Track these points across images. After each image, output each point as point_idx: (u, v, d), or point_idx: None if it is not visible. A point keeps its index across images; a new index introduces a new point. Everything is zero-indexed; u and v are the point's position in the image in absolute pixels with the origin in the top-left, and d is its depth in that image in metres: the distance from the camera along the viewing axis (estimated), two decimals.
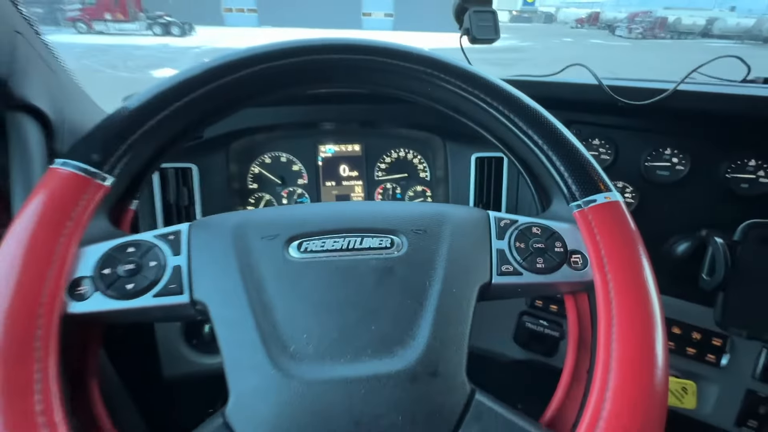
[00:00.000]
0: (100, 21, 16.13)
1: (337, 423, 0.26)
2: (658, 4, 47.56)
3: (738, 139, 0.57)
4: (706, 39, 28.86)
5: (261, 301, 0.29)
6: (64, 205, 0.29)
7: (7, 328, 0.25)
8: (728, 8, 53.56)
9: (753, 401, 0.55)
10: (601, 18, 44.04)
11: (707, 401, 0.58)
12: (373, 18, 27.11)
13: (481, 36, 0.74)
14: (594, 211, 0.32)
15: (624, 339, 0.28)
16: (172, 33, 16.35)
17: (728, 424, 0.57)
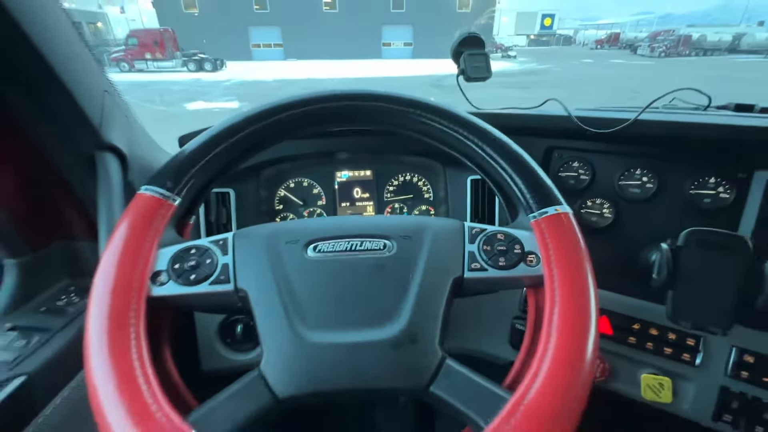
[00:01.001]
0: (141, 60, 17.55)
1: (341, 374, 0.36)
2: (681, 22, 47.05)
3: (699, 159, 0.64)
4: (733, 54, 28.17)
5: (286, 287, 0.39)
6: (148, 218, 0.41)
7: (112, 304, 0.36)
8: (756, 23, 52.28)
9: (726, 397, 0.60)
10: (622, 38, 43.92)
11: (685, 398, 0.63)
12: (393, 48, 28.11)
13: (474, 75, 0.86)
14: (546, 221, 0.41)
15: (563, 316, 0.36)
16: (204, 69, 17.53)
17: (706, 419, 0.62)
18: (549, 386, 0.32)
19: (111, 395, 0.31)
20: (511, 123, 0.76)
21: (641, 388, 0.64)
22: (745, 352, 0.59)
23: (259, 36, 26.88)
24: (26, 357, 0.49)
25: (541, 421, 0.30)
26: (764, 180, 0.59)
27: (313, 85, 9.75)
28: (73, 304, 0.59)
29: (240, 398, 0.35)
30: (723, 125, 0.60)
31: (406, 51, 27.84)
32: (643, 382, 0.63)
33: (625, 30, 51.53)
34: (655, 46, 27.91)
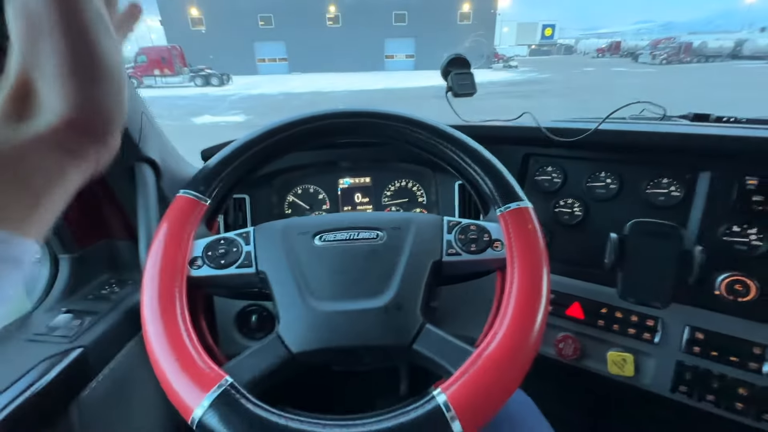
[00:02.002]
0: (149, 76, 18.02)
1: (342, 333, 0.45)
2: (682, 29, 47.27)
3: (653, 163, 0.73)
4: (735, 60, 28.24)
5: (298, 269, 0.49)
6: (187, 215, 0.51)
7: (161, 280, 0.46)
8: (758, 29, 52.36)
9: (682, 370, 0.68)
10: (623, 47, 44.22)
11: (647, 372, 0.71)
12: (395, 60, 28.57)
13: (461, 92, 0.97)
14: (509, 213, 0.51)
15: (520, 289, 0.45)
16: (211, 83, 17.95)
17: (665, 390, 0.69)
18: (505, 342, 0.41)
19: (165, 349, 0.41)
20: (492, 133, 0.86)
21: (608, 364, 0.72)
22: (697, 330, 0.67)
23: (264, 51, 27.49)
24: (81, 333, 0.59)
25: (496, 367, 0.39)
26: (707, 180, 0.68)
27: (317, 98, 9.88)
28: (115, 293, 0.69)
29: (263, 353, 0.44)
30: (670, 134, 0.70)
31: (408, 63, 28.28)
32: (609, 358, 0.72)
33: (626, 38, 51.89)
34: (657, 54, 28.07)
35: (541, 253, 0.47)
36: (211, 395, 0.37)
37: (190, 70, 18.50)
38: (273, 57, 27.81)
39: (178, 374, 0.39)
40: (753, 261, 0.65)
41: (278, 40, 27.07)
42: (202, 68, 18.50)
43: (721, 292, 0.65)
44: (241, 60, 25.92)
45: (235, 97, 13.50)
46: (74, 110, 0.25)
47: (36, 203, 0.25)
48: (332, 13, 27.19)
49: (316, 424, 0.37)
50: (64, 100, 0.25)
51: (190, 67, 18.81)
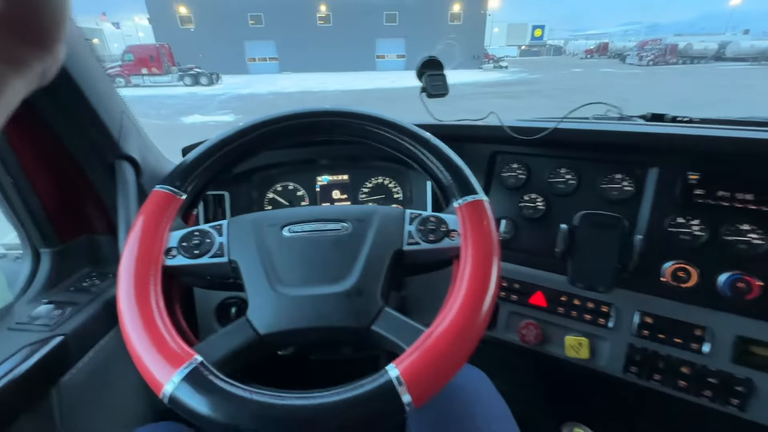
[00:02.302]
0: (137, 75, 17.77)
1: (305, 316, 0.48)
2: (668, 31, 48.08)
3: (608, 160, 0.78)
4: (719, 62, 28.85)
5: (267, 258, 0.53)
6: (162, 208, 0.54)
7: (137, 268, 0.49)
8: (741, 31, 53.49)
9: (632, 352, 0.73)
10: (611, 48, 44.83)
11: (602, 355, 0.76)
12: (386, 60, 28.57)
13: (434, 92, 1.00)
14: (466, 206, 0.55)
15: (471, 273, 0.48)
16: (200, 83, 17.76)
17: (618, 371, 0.74)
18: (455, 322, 0.44)
19: (138, 330, 0.44)
20: (462, 133, 0.90)
21: (565, 348, 0.77)
22: (646, 314, 0.73)
23: (254, 50, 27.29)
24: (62, 323, 0.62)
25: (444, 344, 0.43)
26: (655, 175, 0.73)
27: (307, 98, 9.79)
28: (96, 285, 0.72)
29: (232, 335, 0.48)
30: (622, 132, 0.75)
31: (399, 63, 28.32)
32: (566, 342, 0.77)
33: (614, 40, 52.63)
34: (644, 55, 28.52)
35: (493, 242, 0.51)
36: (181, 372, 0.40)
37: (179, 69, 18.27)
38: (263, 56, 27.64)
39: (151, 353, 0.42)
40: (695, 250, 0.70)
41: (268, 39, 26.91)
42: (191, 67, 18.30)
43: (667, 279, 0.70)
44: (230, 59, 25.70)
45: (224, 97, 13.39)
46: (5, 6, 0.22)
47: None
48: (323, 13, 27.13)
49: (277, 397, 0.40)
50: None
51: (179, 66, 18.58)
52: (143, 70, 17.83)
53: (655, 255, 0.71)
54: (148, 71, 17.90)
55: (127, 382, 0.71)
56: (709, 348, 0.68)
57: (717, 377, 0.68)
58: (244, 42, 26.74)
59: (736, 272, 0.65)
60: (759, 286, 0.64)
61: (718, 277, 0.67)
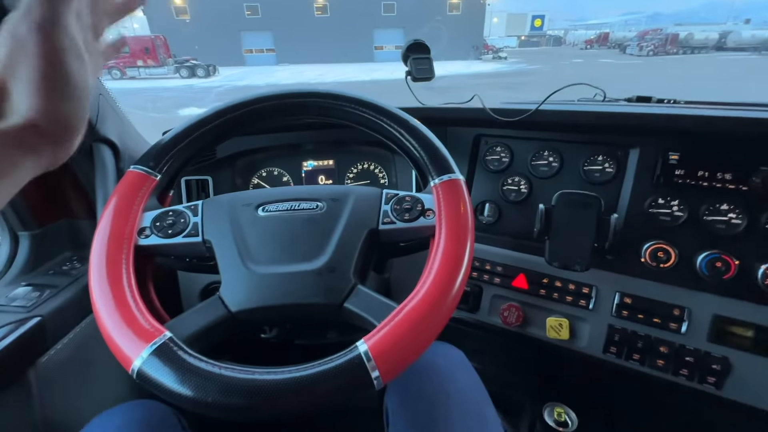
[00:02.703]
0: (132, 67, 17.61)
1: (277, 293, 0.48)
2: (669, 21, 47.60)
3: (590, 141, 0.78)
4: (720, 52, 28.63)
5: (240, 237, 0.53)
6: (136, 188, 0.54)
7: (109, 248, 0.49)
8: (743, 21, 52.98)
9: (612, 332, 0.73)
10: (611, 38, 44.47)
11: (583, 336, 0.76)
12: (385, 51, 28.33)
13: (419, 76, 0.99)
14: (442, 185, 0.54)
15: (444, 251, 0.48)
16: (197, 75, 17.61)
17: (598, 351, 0.75)
18: (426, 299, 0.44)
19: (109, 307, 0.44)
20: (445, 115, 0.90)
21: (546, 329, 0.77)
22: (626, 295, 0.73)
23: (251, 41, 27.01)
24: (40, 304, 0.62)
25: (414, 321, 0.42)
26: (636, 156, 0.73)
27: None
28: (76, 269, 0.72)
29: (203, 312, 0.48)
30: (602, 113, 0.74)
31: (398, 54, 27.89)
32: (547, 324, 0.77)
33: (614, 30, 52.14)
34: (644, 45, 28.29)
35: (467, 220, 0.51)
36: (150, 347, 0.40)
37: (175, 60, 18.11)
38: (260, 48, 27.36)
39: (120, 329, 0.42)
40: (674, 230, 0.70)
41: (265, 30, 26.61)
42: (187, 59, 18.13)
43: (646, 260, 0.70)
44: (227, 51, 25.45)
45: (221, 89, 13.30)
46: (39, 116, 0.30)
47: None
48: (320, 3, 26.78)
49: (246, 372, 0.40)
50: (31, 107, 0.30)
51: (175, 57, 18.41)
52: (139, 63, 17.69)
53: (636, 236, 0.71)
54: (144, 63, 17.75)
55: (106, 364, 0.72)
56: (686, 327, 0.69)
57: (694, 356, 0.68)
58: (240, 33, 26.46)
59: (714, 252, 0.65)
60: (736, 265, 0.64)
61: (696, 257, 0.67)
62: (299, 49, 26.84)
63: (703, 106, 0.81)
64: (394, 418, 0.57)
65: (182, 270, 0.72)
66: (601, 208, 0.67)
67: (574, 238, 0.68)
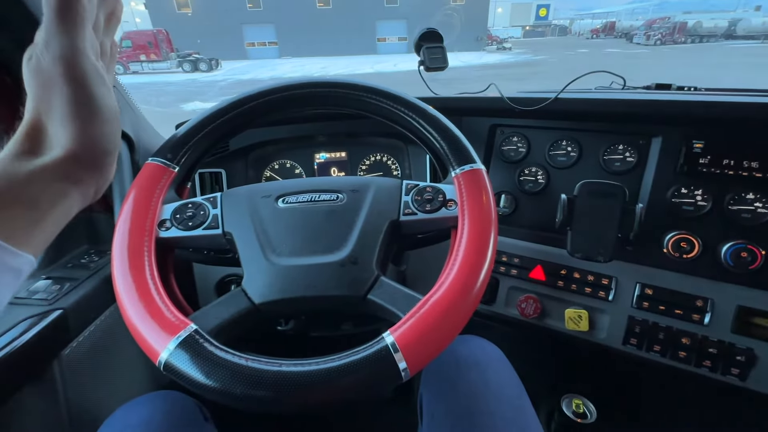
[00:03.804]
0: (135, 62, 17.59)
1: (299, 285, 0.48)
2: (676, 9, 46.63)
3: (610, 130, 0.76)
4: (729, 40, 28.08)
5: (261, 228, 0.52)
6: (154, 180, 0.53)
7: (131, 240, 0.48)
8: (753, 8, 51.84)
9: (632, 324, 0.72)
10: (617, 27, 43.71)
11: (602, 327, 0.76)
12: (387, 43, 28.06)
13: (432, 65, 0.98)
14: (463, 175, 0.53)
15: (468, 242, 0.48)
16: (200, 69, 17.57)
17: (617, 343, 0.74)
18: (450, 290, 0.44)
19: (134, 300, 0.44)
20: (460, 105, 0.88)
21: (565, 321, 0.77)
22: (647, 286, 0.72)
23: (253, 34, 26.86)
24: (61, 297, 0.62)
25: (440, 312, 0.42)
26: (659, 145, 0.72)
27: None
28: (94, 262, 0.72)
29: (227, 304, 0.47)
30: (623, 100, 0.73)
31: (401, 46, 27.79)
32: (566, 315, 0.76)
33: (621, 18, 51.20)
34: (651, 34, 27.81)
35: (490, 210, 0.50)
36: (176, 339, 0.40)
37: (178, 55, 18.05)
38: (262, 41, 27.19)
39: (146, 323, 0.42)
40: (698, 220, 0.69)
41: (267, 23, 26.42)
42: (190, 53, 18.07)
43: (668, 250, 0.69)
44: (229, 44, 25.32)
45: (224, 83, 13.26)
46: (77, 145, 0.31)
47: (40, 220, 0.30)
48: None
49: (272, 364, 0.40)
50: (68, 138, 0.31)
51: (178, 51, 18.35)
52: (141, 57, 17.65)
53: (657, 226, 0.70)
54: (147, 58, 17.72)
55: (128, 355, 0.72)
56: (710, 318, 0.68)
57: (717, 347, 0.67)
58: (242, 26, 26.31)
59: (740, 242, 0.64)
60: (763, 255, 0.63)
61: (721, 248, 0.66)
62: (302, 41, 26.65)
63: (726, 93, 0.79)
64: (430, 407, 0.57)
65: (199, 262, 0.72)
66: (626, 198, 0.65)
67: (598, 228, 0.67)
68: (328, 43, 26.55)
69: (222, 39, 24.96)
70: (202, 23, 25.08)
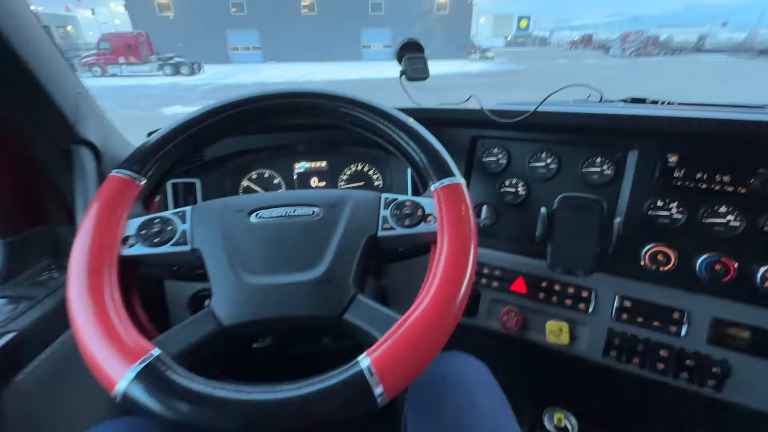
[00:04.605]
0: (114, 65, 17.15)
1: (272, 306, 0.46)
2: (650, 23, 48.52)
3: (588, 143, 0.77)
4: (699, 54, 29.37)
5: (232, 245, 0.50)
6: (119, 194, 0.50)
7: (90, 258, 0.45)
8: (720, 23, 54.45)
9: (612, 336, 0.73)
10: (595, 39, 45.19)
11: (582, 340, 0.76)
12: (372, 50, 28.23)
13: (413, 76, 0.97)
14: (442, 189, 0.52)
15: (447, 258, 0.46)
16: (181, 72, 17.24)
17: (597, 355, 0.74)
18: (430, 310, 0.42)
19: (90, 324, 0.41)
20: (441, 116, 0.88)
21: (546, 333, 0.76)
22: (626, 298, 0.72)
23: (237, 39, 26.60)
24: (15, 318, 0.58)
25: (418, 333, 0.40)
26: (635, 158, 0.73)
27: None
28: (54, 279, 0.68)
29: (193, 327, 0.45)
30: (601, 114, 0.73)
31: (386, 53, 27.99)
32: (547, 328, 0.76)
33: (598, 31, 53.00)
34: (626, 47, 28.85)
35: (470, 226, 0.49)
36: (136, 367, 0.37)
37: (158, 58, 17.67)
38: (246, 45, 26.95)
39: (102, 349, 0.39)
40: (673, 233, 0.70)
41: (251, 27, 26.23)
42: (171, 56, 17.71)
43: (646, 263, 0.69)
44: (212, 48, 24.99)
45: (207, 87, 13.05)
46: None
47: None
48: (307, 2, 26.54)
49: (241, 392, 0.37)
50: None
51: (158, 55, 17.98)
52: (121, 60, 17.21)
53: (635, 238, 0.71)
54: (126, 60, 17.28)
55: (88, 381, 0.67)
56: (686, 330, 0.68)
57: (694, 359, 0.68)
58: (226, 30, 26.03)
59: (713, 254, 0.65)
60: (735, 267, 0.64)
61: (696, 260, 0.67)
62: (286, 47, 26.55)
63: (698, 108, 0.81)
64: (416, 427, 0.55)
65: (169, 279, 0.69)
66: (604, 212, 0.66)
67: (577, 242, 0.67)
68: (313, 49, 26.53)
69: (205, 43, 24.62)
70: (184, 27, 24.70)
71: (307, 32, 26.66)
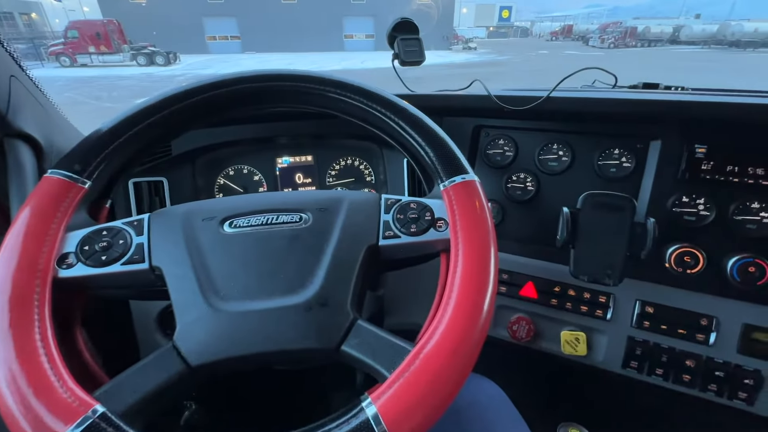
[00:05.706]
0: (84, 54, 16.33)
1: (253, 338, 0.37)
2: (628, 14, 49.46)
3: (605, 133, 0.70)
4: (674, 45, 30.07)
5: (200, 262, 0.40)
6: (54, 201, 0.40)
7: (15, 284, 0.35)
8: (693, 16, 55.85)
9: (632, 345, 0.67)
10: (575, 30, 45.73)
11: (599, 350, 0.69)
12: (355, 40, 27.81)
13: (408, 59, 0.88)
14: (453, 188, 0.44)
15: (464, 273, 0.38)
16: (156, 62, 16.59)
17: (617, 367, 0.68)
18: (447, 338, 0.34)
19: (11, 374, 0.31)
20: (441, 103, 0.79)
21: (561, 344, 0.69)
22: (647, 304, 0.66)
23: (214, 28, 25.75)
24: None
25: (436, 367, 0.33)
26: (658, 149, 0.66)
27: None
28: None
29: (150, 370, 0.35)
30: (622, 100, 0.66)
31: (368, 43, 27.63)
32: (562, 338, 0.69)
33: (578, 22, 53.63)
34: (605, 38, 29.30)
35: (489, 233, 0.41)
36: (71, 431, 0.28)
37: (131, 47, 16.93)
38: (224, 34, 26.10)
39: (27, 405, 0.30)
40: (701, 231, 0.63)
41: (229, 15, 25.38)
42: (145, 45, 16.99)
43: (671, 265, 0.63)
44: (188, 37, 24.09)
45: (183, 78, 12.58)
46: None
47: None
48: None
49: None
50: None
51: (131, 44, 17.21)
52: (91, 49, 16.41)
53: (658, 238, 0.64)
54: (97, 50, 16.49)
55: None
56: (715, 338, 0.62)
57: (723, 370, 0.62)
58: (202, 19, 25.14)
59: (746, 255, 0.59)
60: None
61: (726, 262, 0.60)
62: (266, 36, 25.84)
63: (717, 94, 0.75)
64: None
65: (128, 299, 0.59)
66: (635, 212, 0.58)
67: (604, 246, 0.59)
68: (294, 38, 25.92)
69: (180, 32, 23.71)
70: (158, 15, 23.69)
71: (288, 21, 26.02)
